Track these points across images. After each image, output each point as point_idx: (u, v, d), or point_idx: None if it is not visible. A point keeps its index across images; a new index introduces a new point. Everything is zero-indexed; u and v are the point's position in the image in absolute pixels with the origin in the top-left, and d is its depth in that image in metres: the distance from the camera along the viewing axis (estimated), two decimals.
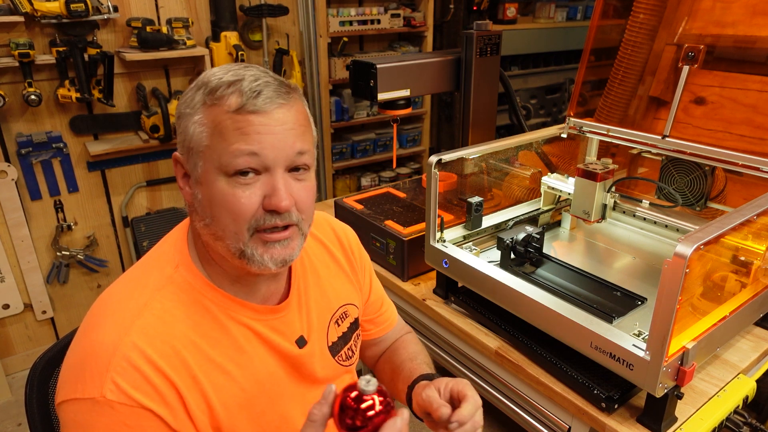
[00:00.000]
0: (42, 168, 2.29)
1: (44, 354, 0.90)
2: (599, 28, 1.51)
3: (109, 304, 0.74)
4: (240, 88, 0.69)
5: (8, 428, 2.20)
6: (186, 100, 0.73)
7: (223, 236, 0.72)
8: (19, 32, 2.09)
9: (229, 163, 0.68)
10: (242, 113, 0.68)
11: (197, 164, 0.71)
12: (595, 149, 1.60)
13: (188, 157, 0.72)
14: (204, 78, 0.72)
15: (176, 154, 0.75)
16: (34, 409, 0.87)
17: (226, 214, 0.70)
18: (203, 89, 0.71)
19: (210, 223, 0.72)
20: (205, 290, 0.76)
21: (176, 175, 0.76)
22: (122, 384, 0.66)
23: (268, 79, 0.71)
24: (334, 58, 2.79)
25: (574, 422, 1.09)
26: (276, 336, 0.82)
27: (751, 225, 1.01)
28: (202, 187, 0.72)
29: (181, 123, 0.72)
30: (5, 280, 2.30)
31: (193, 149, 0.71)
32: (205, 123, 0.70)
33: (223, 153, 0.68)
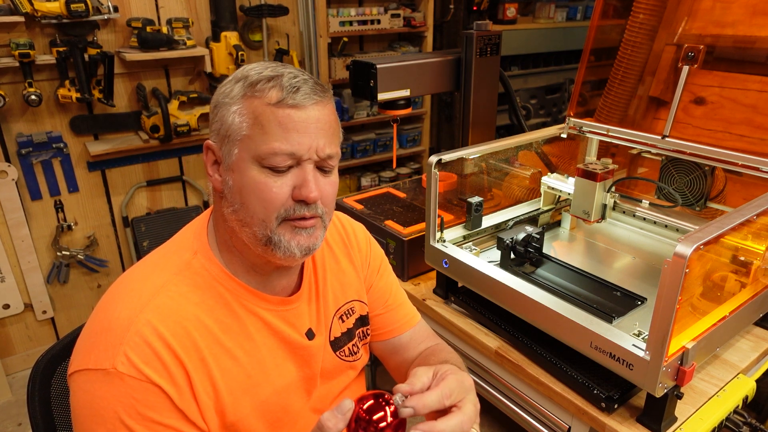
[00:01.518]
0: (42, 168, 2.30)
1: (47, 352, 0.90)
2: (599, 28, 1.51)
3: (127, 284, 0.77)
4: (280, 83, 0.72)
5: (8, 428, 2.20)
6: (224, 91, 0.76)
7: (251, 222, 0.75)
8: (20, 32, 2.09)
9: (267, 157, 0.72)
10: (282, 107, 0.72)
11: (232, 151, 0.74)
12: (595, 149, 1.60)
13: (222, 144, 0.75)
14: (243, 72, 0.76)
15: (209, 142, 0.78)
16: (36, 407, 0.87)
17: (257, 201, 0.73)
18: (243, 82, 0.74)
19: (239, 209, 0.75)
20: (221, 277, 0.79)
21: (206, 163, 0.79)
22: (133, 358, 0.68)
23: (305, 77, 0.75)
24: (334, 58, 2.80)
25: (574, 422, 1.10)
26: (286, 327, 0.84)
27: (750, 225, 1.01)
28: (234, 174, 0.75)
29: (218, 112, 0.76)
30: (5, 280, 2.31)
31: (230, 137, 0.74)
32: (244, 113, 0.73)
33: (262, 145, 0.72)
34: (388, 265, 1.06)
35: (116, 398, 0.68)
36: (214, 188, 0.79)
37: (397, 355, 1.04)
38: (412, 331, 1.04)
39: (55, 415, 0.89)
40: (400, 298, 1.06)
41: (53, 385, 0.90)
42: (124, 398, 0.68)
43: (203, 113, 2.52)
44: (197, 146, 2.64)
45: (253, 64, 0.78)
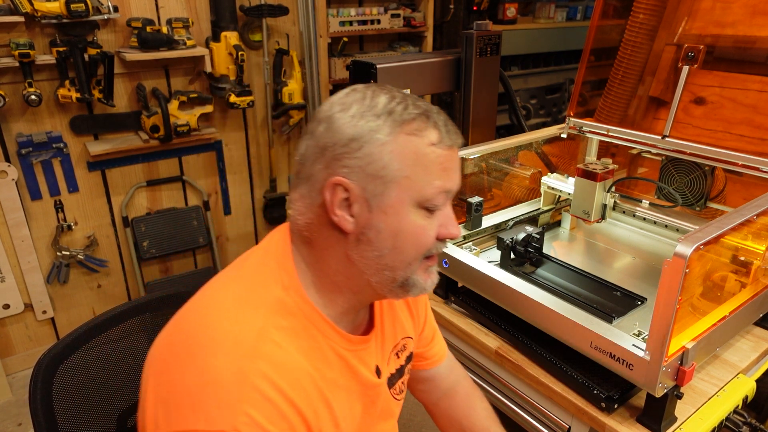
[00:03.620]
0: (42, 168, 2.30)
1: (48, 351, 0.91)
2: (599, 28, 1.52)
3: (217, 326, 0.67)
4: (435, 122, 0.71)
5: (8, 428, 2.20)
6: (368, 126, 0.68)
7: (397, 266, 0.71)
8: (20, 32, 2.09)
9: (431, 198, 0.70)
10: (441, 147, 0.70)
11: (385, 193, 0.68)
12: (595, 149, 1.60)
13: (368, 184, 0.68)
14: (379, 105, 0.70)
15: (340, 179, 0.68)
16: (38, 406, 0.87)
17: (412, 245, 0.71)
18: (389, 117, 0.68)
19: (387, 254, 0.71)
20: (315, 318, 0.73)
21: (330, 201, 0.69)
22: (257, 417, 0.61)
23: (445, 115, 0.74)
24: (334, 58, 2.80)
25: (574, 422, 1.10)
26: (361, 366, 0.80)
27: (750, 225, 1.01)
28: (388, 217, 0.69)
29: (361, 149, 0.67)
30: (5, 280, 2.31)
31: (383, 177, 0.68)
32: (402, 153, 0.68)
33: (426, 186, 0.69)
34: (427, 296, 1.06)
35: None
36: (340, 229, 0.70)
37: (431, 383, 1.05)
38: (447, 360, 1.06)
39: (57, 415, 0.89)
40: (437, 330, 1.06)
41: (55, 384, 0.90)
42: None
43: (203, 113, 2.53)
44: (197, 146, 2.64)
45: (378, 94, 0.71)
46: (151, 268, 2.73)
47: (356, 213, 0.69)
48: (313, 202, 0.71)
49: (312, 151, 0.71)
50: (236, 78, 2.50)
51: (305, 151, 0.72)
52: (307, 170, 0.71)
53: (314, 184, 0.70)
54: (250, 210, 2.97)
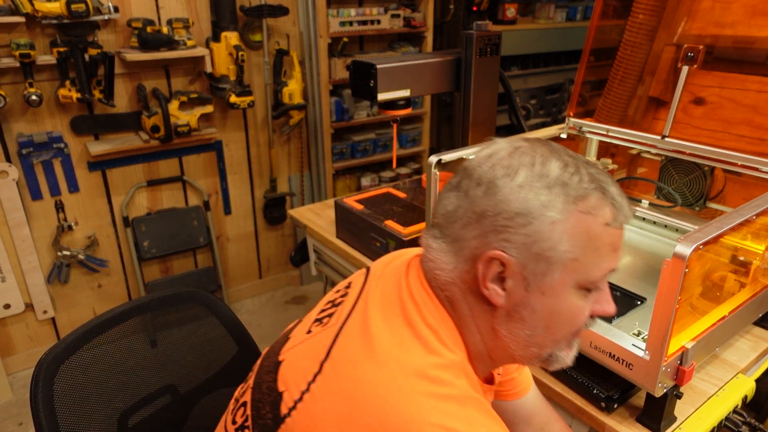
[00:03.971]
0: (43, 168, 2.30)
1: (50, 350, 0.91)
2: (599, 28, 1.52)
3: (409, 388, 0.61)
4: (612, 198, 0.65)
5: (9, 428, 2.20)
6: (539, 200, 0.62)
7: (544, 345, 0.68)
8: (20, 33, 2.09)
9: (597, 280, 0.66)
10: (614, 227, 0.65)
11: (549, 274, 0.64)
12: (594, 149, 1.60)
13: (530, 262, 0.63)
14: (551, 175, 0.63)
15: (499, 253, 0.63)
16: (39, 406, 0.87)
17: (566, 325, 0.68)
18: (562, 191, 0.63)
19: (538, 333, 0.67)
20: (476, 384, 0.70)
21: (482, 274, 0.65)
22: None
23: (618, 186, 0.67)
24: (334, 59, 2.80)
25: (574, 422, 1.10)
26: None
27: (750, 225, 1.01)
28: (546, 298, 0.65)
29: (530, 225, 0.62)
30: (6, 280, 2.31)
31: (549, 258, 0.63)
32: (574, 234, 0.63)
33: (593, 269, 0.65)
34: None
35: None
36: (490, 302, 0.66)
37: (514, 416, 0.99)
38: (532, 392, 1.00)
39: (58, 415, 0.89)
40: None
41: (56, 385, 0.90)
42: None
43: (203, 113, 2.53)
44: (197, 146, 2.65)
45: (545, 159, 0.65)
46: (152, 268, 2.73)
47: (510, 288, 0.65)
48: (460, 266, 0.66)
49: (465, 213, 0.65)
50: (236, 78, 2.50)
51: (455, 211, 0.66)
52: (456, 231, 0.66)
53: (463, 249, 0.66)
54: (251, 210, 2.97)
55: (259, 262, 3.11)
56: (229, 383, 1.12)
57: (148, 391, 1.02)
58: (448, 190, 0.69)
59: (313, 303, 3.09)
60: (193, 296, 1.09)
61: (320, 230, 1.81)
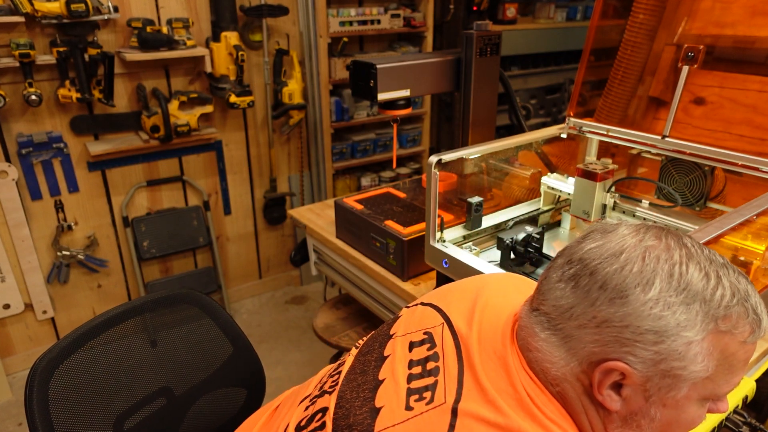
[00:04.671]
0: (42, 168, 2.30)
1: (44, 355, 0.90)
2: (599, 28, 1.51)
3: None
4: (754, 314, 0.61)
5: (9, 428, 2.20)
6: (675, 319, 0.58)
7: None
8: (20, 32, 2.09)
9: (724, 393, 0.64)
10: (750, 343, 0.62)
11: (674, 389, 0.61)
12: (594, 149, 1.60)
13: (655, 377, 0.60)
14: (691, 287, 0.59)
15: (624, 366, 0.59)
16: (34, 409, 0.87)
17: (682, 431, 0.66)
18: (701, 306, 0.58)
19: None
20: None
21: (599, 382, 0.61)
22: None
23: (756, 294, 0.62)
24: (334, 59, 2.80)
25: None
26: None
27: (750, 225, 1.01)
28: (667, 410, 0.62)
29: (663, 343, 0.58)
30: (6, 280, 2.31)
31: (679, 376, 0.59)
32: (712, 353, 0.59)
33: (724, 385, 0.62)
34: None
35: None
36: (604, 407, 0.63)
37: None
38: None
39: (53, 418, 0.89)
40: None
41: (52, 387, 0.90)
42: None
43: (203, 113, 2.53)
44: (197, 146, 2.65)
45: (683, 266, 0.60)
46: (151, 268, 2.73)
47: (627, 396, 0.62)
48: (573, 365, 0.63)
49: (583, 314, 0.61)
50: (236, 78, 2.50)
51: (570, 308, 0.62)
52: (571, 330, 0.62)
53: (577, 351, 0.62)
54: (250, 210, 2.97)
55: (258, 262, 3.11)
56: (225, 384, 1.11)
57: (144, 393, 1.02)
58: (561, 280, 0.64)
59: (314, 303, 3.10)
60: (187, 297, 1.09)
61: (320, 230, 1.80)
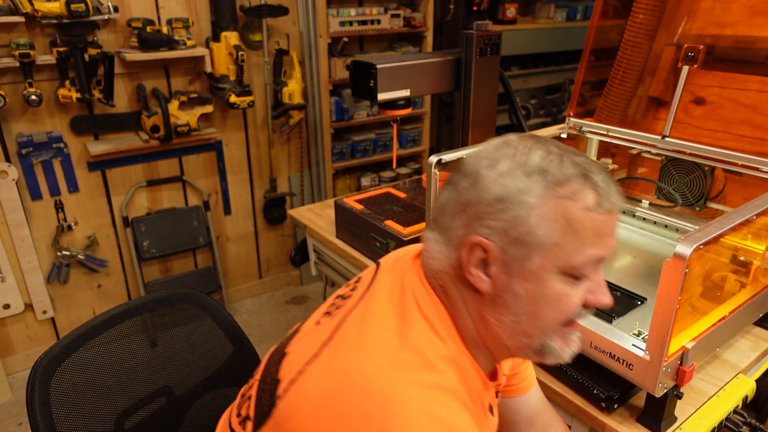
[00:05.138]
0: (42, 168, 2.30)
1: (46, 353, 0.90)
2: (599, 28, 1.52)
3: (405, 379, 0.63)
4: (593, 184, 0.64)
5: (9, 428, 2.20)
6: (517, 186, 0.64)
7: (532, 333, 0.68)
8: (20, 32, 2.09)
9: (580, 266, 0.65)
10: (599, 212, 0.64)
11: (529, 258, 0.64)
12: (594, 149, 1.60)
13: (510, 247, 0.64)
14: (532, 162, 0.65)
15: (480, 239, 0.65)
16: (36, 409, 0.87)
17: (553, 313, 0.67)
18: (542, 178, 0.64)
19: (523, 320, 0.67)
20: (472, 373, 0.71)
21: (466, 260, 0.67)
22: None
23: (607, 174, 0.67)
24: (334, 58, 2.80)
25: (574, 422, 1.10)
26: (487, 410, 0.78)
27: (750, 225, 1.01)
28: (529, 284, 0.65)
29: (508, 210, 0.64)
30: (6, 280, 2.31)
31: (528, 243, 0.64)
32: (554, 219, 0.63)
33: (575, 254, 0.64)
34: None
35: None
36: (476, 289, 0.68)
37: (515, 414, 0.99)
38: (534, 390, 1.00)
39: (54, 417, 0.89)
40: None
41: (53, 386, 0.90)
42: None
43: (203, 113, 2.53)
44: (197, 146, 2.65)
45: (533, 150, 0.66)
46: (151, 268, 2.73)
47: (493, 274, 0.66)
48: (449, 255, 0.69)
49: (453, 204, 0.68)
50: (236, 78, 2.50)
51: (446, 203, 0.69)
52: (446, 222, 0.69)
53: (451, 239, 0.68)
54: (251, 210, 2.97)
55: (258, 262, 3.11)
56: (225, 384, 1.11)
57: (145, 393, 1.02)
58: (443, 187, 0.72)
59: (313, 303, 3.09)
60: (187, 297, 1.09)
61: (320, 230, 1.80)
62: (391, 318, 0.69)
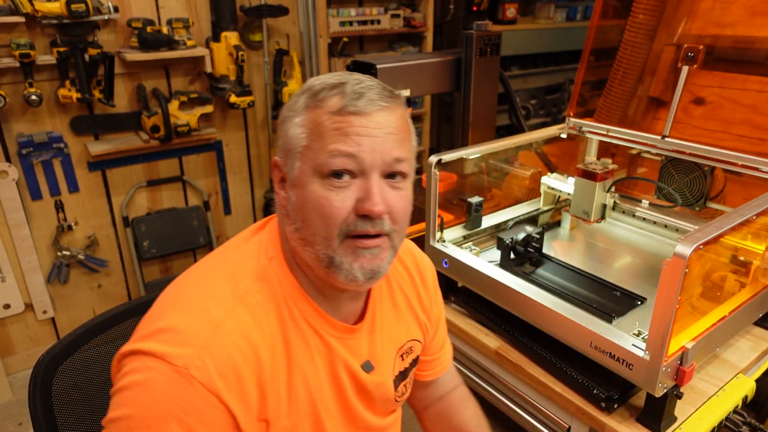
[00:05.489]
0: (43, 168, 2.30)
1: (47, 352, 0.90)
2: (599, 28, 1.52)
3: (209, 280, 0.74)
4: (343, 90, 0.69)
5: (9, 428, 2.20)
6: (289, 104, 0.73)
7: (313, 241, 0.70)
8: (20, 33, 2.09)
9: (325, 163, 0.67)
10: (343, 114, 0.68)
11: (294, 166, 0.71)
12: (594, 149, 1.60)
13: (286, 159, 0.72)
14: (309, 83, 0.73)
15: (276, 158, 0.75)
16: (38, 408, 0.87)
17: (318, 217, 0.69)
18: (307, 93, 0.72)
19: (301, 227, 0.71)
20: (293, 292, 0.75)
21: (274, 180, 0.76)
22: (211, 366, 0.64)
23: (372, 83, 0.72)
24: (334, 59, 2.80)
25: (574, 422, 1.10)
26: (349, 355, 0.79)
27: (750, 225, 1.01)
28: (297, 190, 0.71)
29: (282, 127, 0.73)
30: (6, 280, 2.31)
31: (291, 151, 0.71)
32: (305, 124, 0.70)
33: (320, 152, 0.68)
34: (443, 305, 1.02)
35: (176, 402, 0.63)
36: (280, 205, 0.76)
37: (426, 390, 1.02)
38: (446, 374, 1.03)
39: (57, 416, 0.89)
40: (447, 339, 1.03)
41: (54, 386, 0.90)
42: (186, 404, 0.63)
43: (203, 113, 2.53)
44: (197, 146, 2.64)
45: (322, 75, 0.74)
46: (152, 268, 2.73)
47: (285, 188, 0.74)
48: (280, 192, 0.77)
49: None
50: (236, 78, 2.50)
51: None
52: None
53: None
54: (251, 210, 2.97)
55: None
56: None
57: None
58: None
59: None
60: None
61: None
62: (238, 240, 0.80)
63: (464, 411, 1.01)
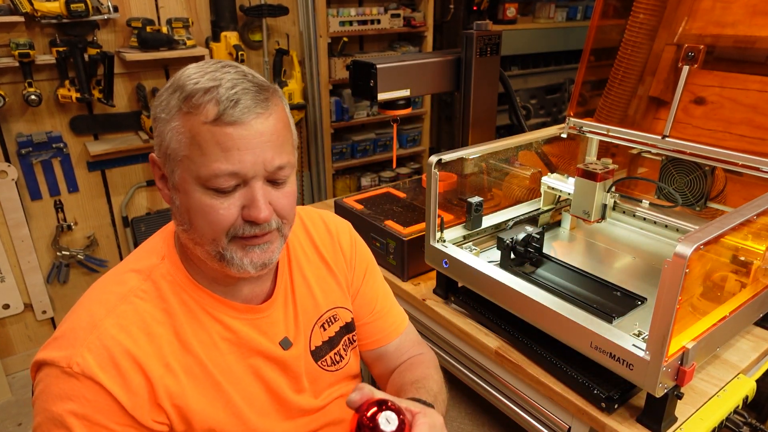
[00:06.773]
0: (42, 168, 2.30)
1: None
2: (599, 28, 1.51)
3: (100, 286, 0.78)
4: (217, 97, 0.66)
5: (8, 428, 2.20)
6: (161, 102, 0.70)
7: (202, 242, 0.72)
8: (20, 32, 2.09)
9: (208, 179, 0.67)
10: (220, 125, 0.66)
11: (174, 171, 0.70)
12: (595, 149, 1.60)
13: (165, 161, 0.71)
14: (179, 80, 0.69)
15: (153, 155, 0.74)
16: None
17: (205, 223, 0.70)
18: (178, 93, 0.68)
19: (188, 229, 0.73)
20: (185, 284, 0.78)
21: (154, 176, 0.76)
22: (90, 359, 0.69)
23: (246, 85, 0.68)
24: (334, 58, 2.80)
25: (574, 422, 1.10)
26: (258, 335, 0.81)
27: (751, 225, 1.01)
28: (180, 194, 0.71)
29: (157, 126, 0.71)
30: (5, 280, 2.31)
31: (170, 156, 0.70)
32: (182, 132, 0.67)
33: (202, 167, 0.67)
34: (376, 267, 1.02)
35: (68, 395, 0.68)
36: (166, 201, 0.76)
37: (381, 363, 1.02)
38: (399, 340, 1.02)
39: None
40: (388, 303, 1.03)
41: None
42: (76, 397, 0.68)
43: None
44: None
45: (192, 68, 0.70)
46: None
47: (169, 188, 0.74)
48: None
49: None
50: None
51: None
52: None
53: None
54: None
55: None
56: None
57: None
58: None
59: None
60: None
61: None
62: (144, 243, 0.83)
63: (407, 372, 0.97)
